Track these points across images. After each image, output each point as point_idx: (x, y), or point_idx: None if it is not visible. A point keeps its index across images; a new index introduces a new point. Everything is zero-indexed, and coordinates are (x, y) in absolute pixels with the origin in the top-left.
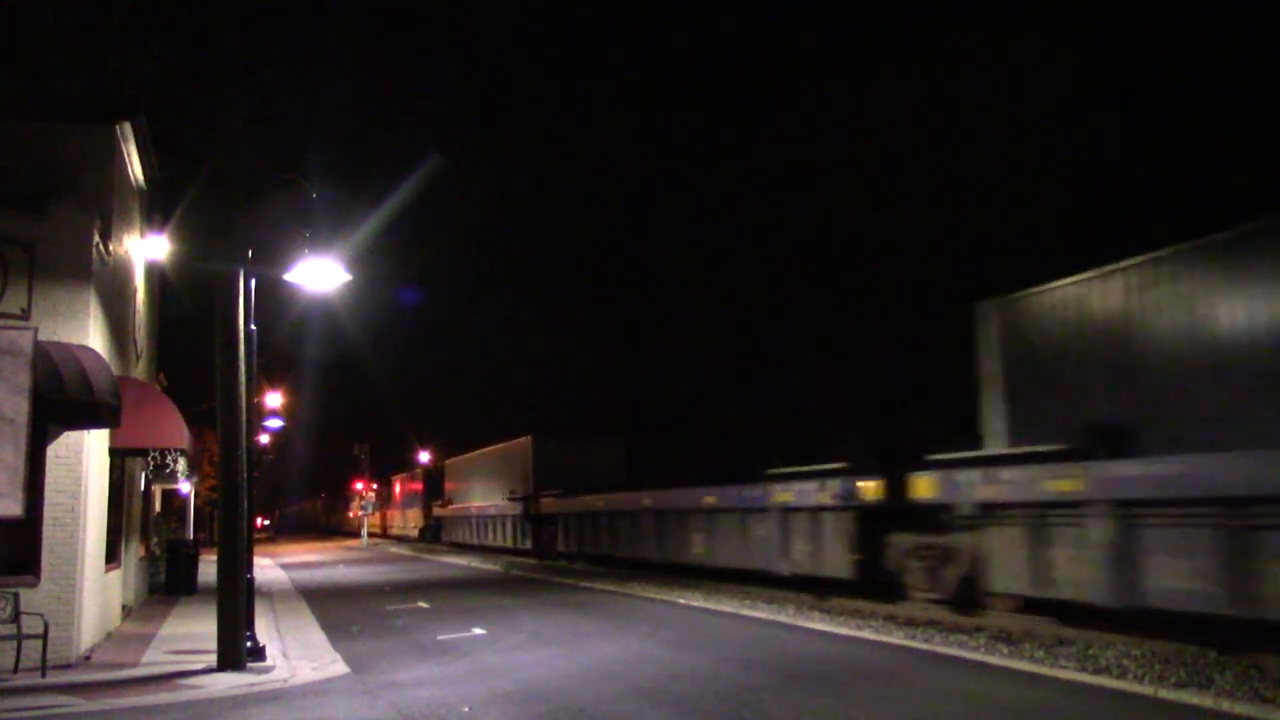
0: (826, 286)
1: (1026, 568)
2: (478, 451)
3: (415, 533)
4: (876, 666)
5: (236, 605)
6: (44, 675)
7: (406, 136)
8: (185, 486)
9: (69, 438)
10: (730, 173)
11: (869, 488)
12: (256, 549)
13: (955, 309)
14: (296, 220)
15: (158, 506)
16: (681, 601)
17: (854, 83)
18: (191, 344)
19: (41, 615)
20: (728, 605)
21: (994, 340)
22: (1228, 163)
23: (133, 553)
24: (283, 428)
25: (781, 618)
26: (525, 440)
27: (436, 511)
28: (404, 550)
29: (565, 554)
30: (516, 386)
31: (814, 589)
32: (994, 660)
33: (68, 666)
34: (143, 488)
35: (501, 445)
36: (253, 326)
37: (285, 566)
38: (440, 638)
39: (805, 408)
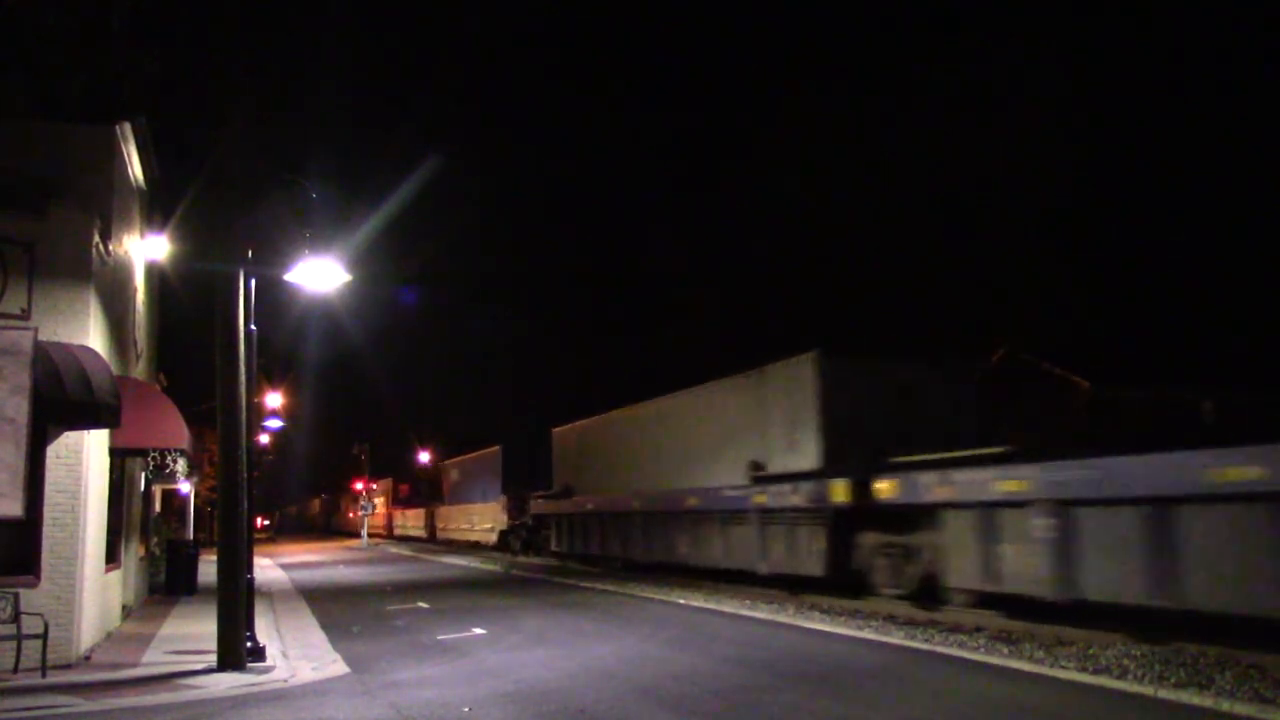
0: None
1: None
2: (644, 405)
3: (490, 537)
4: (876, 666)
5: (236, 605)
6: (44, 675)
7: (406, 136)
8: (185, 486)
9: (69, 438)
10: (731, 171)
11: None
12: (256, 549)
13: None
14: (296, 220)
15: (158, 506)
16: (681, 601)
17: (853, 84)
18: (191, 344)
19: (41, 615)
20: (728, 605)
21: None
22: (1224, 163)
23: (133, 553)
24: (283, 428)
25: (781, 618)
26: (800, 365)
27: (540, 507)
28: (404, 551)
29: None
30: (516, 386)
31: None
32: (994, 660)
33: (68, 666)
34: (143, 488)
35: (711, 385)
36: (253, 326)
37: (285, 566)
38: (440, 637)
39: None
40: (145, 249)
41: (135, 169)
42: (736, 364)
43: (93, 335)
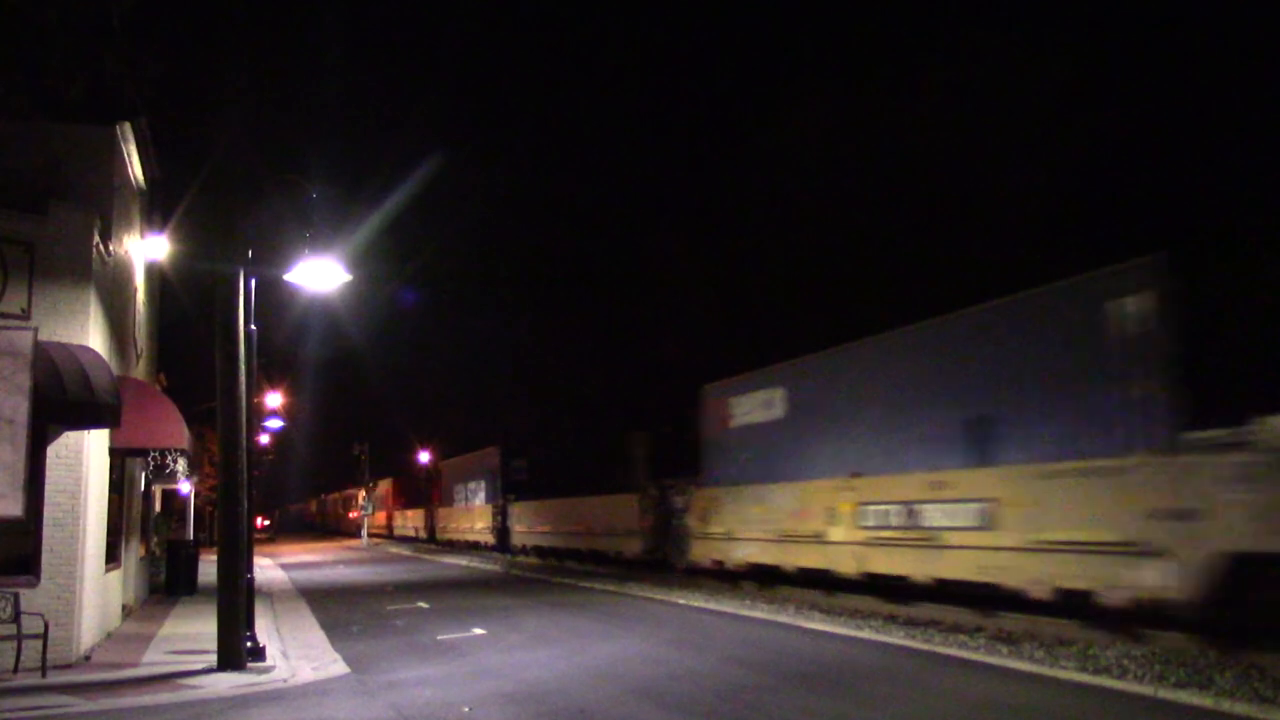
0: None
1: None
2: None
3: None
4: (876, 666)
5: (236, 605)
6: (44, 675)
7: (407, 136)
8: (185, 486)
9: (69, 438)
10: (731, 171)
11: None
12: (256, 549)
13: None
14: (296, 220)
15: (158, 506)
16: (681, 601)
17: (852, 84)
18: (191, 344)
19: (41, 615)
20: (727, 605)
21: None
22: (1223, 164)
23: (133, 553)
24: (283, 428)
25: (781, 618)
26: None
27: None
28: (404, 550)
29: None
30: (516, 386)
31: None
32: (994, 660)
33: (68, 666)
34: (143, 488)
35: None
36: (253, 326)
37: (285, 566)
38: (440, 638)
39: None
40: (145, 249)
41: (135, 169)
42: (740, 364)
43: (93, 335)
